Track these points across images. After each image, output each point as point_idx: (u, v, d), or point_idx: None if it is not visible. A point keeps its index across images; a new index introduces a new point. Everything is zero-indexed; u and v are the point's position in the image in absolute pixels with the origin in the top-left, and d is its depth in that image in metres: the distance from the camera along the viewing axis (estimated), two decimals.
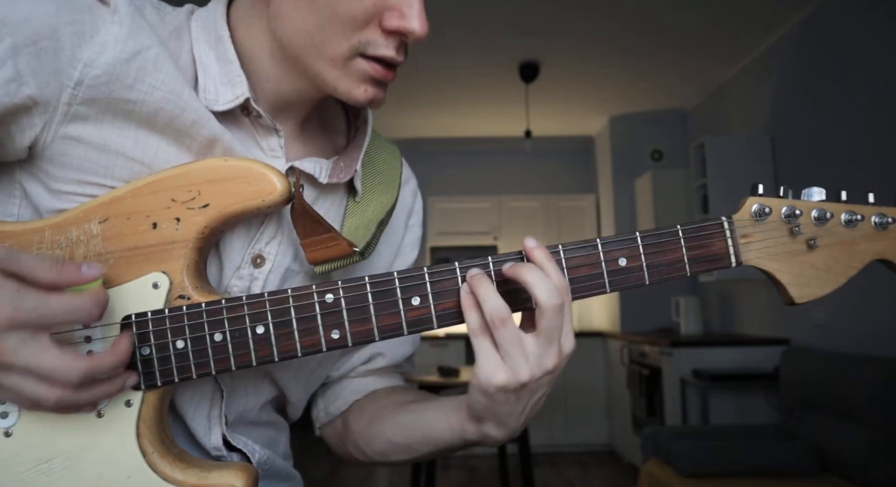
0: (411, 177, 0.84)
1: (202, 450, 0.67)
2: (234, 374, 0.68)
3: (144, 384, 0.58)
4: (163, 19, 0.64)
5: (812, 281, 0.63)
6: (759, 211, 0.63)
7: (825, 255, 0.63)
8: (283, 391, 0.73)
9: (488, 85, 4.64)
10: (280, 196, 0.61)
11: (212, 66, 0.64)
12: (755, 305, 4.13)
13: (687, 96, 4.94)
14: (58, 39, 0.55)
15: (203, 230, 0.60)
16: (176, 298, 0.60)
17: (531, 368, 0.57)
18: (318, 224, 0.63)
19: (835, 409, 2.78)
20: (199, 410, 0.66)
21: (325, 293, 0.59)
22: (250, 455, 0.68)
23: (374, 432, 0.75)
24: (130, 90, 0.58)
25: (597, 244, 0.61)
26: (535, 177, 6.18)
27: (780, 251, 0.63)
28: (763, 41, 3.90)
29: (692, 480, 2.74)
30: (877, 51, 2.97)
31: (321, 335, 0.59)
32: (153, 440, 0.59)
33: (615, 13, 3.57)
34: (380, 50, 0.61)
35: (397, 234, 0.81)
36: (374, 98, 0.64)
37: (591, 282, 0.61)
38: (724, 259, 0.63)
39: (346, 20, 0.59)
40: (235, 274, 0.66)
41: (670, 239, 0.62)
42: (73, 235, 0.59)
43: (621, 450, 4.98)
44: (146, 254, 0.60)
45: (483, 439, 0.64)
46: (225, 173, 0.61)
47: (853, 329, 3.11)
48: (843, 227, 0.64)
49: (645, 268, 0.62)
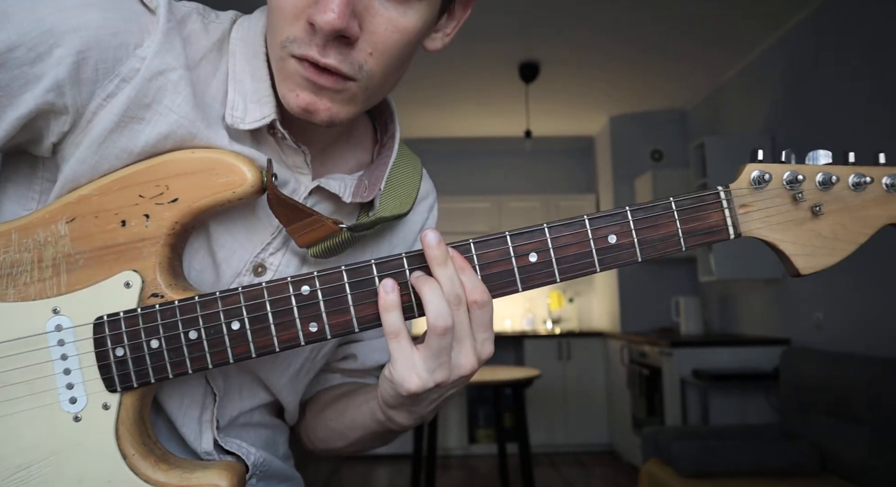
0: (430, 192, 0.82)
1: (193, 455, 0.66)
2: (227, 377, 0.67)
3: (120, 386, 0.57)
4: (207, 29, 0.63)
5: (818, 251, 0.58)
6: (759, 178, 0.58)
7: (832, 222, 0.58)
8: (278, 397, 0.72)
9: (488, 85, 4.64)
10: (251, 187, 0.59)
11: (245, 82, 0.63)
12: (755, 305, 4.13)
13: (687, 96, 4.94)
14: (102, 51, 0.55)
15: (174, 226, 0.59)
16: (149, 297, 0.58)
17: (446, 374, 0.56)
18: (298, 210, 0.61)
19: (835, 409, 2.78)
20: (189, 415, 0.65)
21: (300, 284, 0.57)
22: (245, 458, 0.67)
23: (318, 419, 0.77)
24: (147, 109, 0.58)
25: (584, 221, 0.58)
26: (535, 177, 6.18)
27: (782, 220, 0.59)
28: (763, 41, 3.90)
29: (692, 480, 2.74)
30: (877, 50, 2.97)
31: (298, 328, 0.58)
32: (134, 442, 0.57)
33: (615, 13, 3.56)
34: (301, 48, 0.55)
35: (406, 247, 0.80)
36: (308, 107, 0.58)
37: (580, 262, 0.58)
38: (721, 231, 0.59)
39: (278, 13, 0.56)
40: (235, 282, 0.65)
41: (663, 212, 0.59)
42: (41, 237, 0.58)
43: (621, 450, 4.98)
44: (117, 253, 0.58)
45: (391, 424, 0.65)
46: (193, 166, 0.59)
47: (853, 329, 3.11)
48: (851, 191, 0.59)
49: (637, 245, 0.58)
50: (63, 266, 0.58)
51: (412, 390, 0.56)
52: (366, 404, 0.68)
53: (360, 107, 0.61)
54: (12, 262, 0.58)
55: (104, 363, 0.57)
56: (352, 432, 0.71)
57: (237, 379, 0.68)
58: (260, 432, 0.73)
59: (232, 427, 0.69)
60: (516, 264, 0.58)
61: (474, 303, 0.56)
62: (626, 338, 4.77)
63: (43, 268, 0.58)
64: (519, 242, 0.58)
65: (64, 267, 0.58)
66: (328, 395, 0.80)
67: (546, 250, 0.58)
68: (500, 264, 0.58)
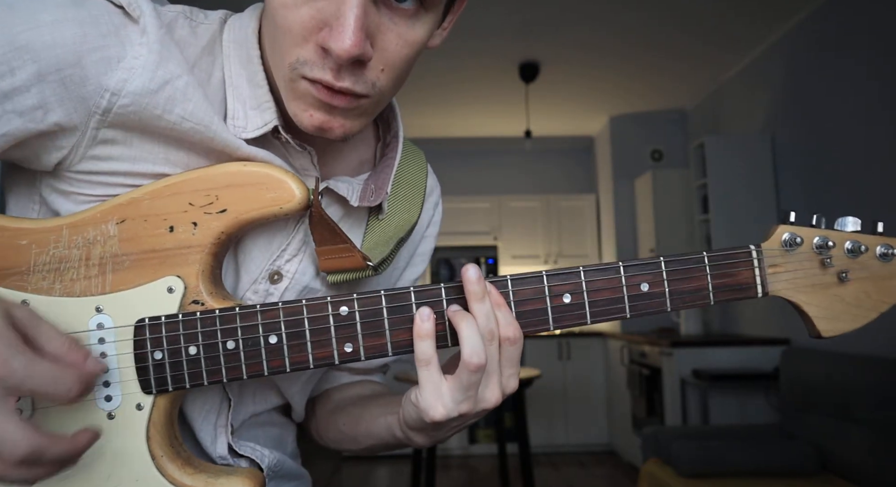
0: (436, 187, 0.82)
1: (208, 459, 0.66)
2: (242, 383, 0.67)
3: (156, 388, 0.58)
4: (195, 32, 0.62)
5: (841, 316, 0.60)
6: (791, 240, 0.60)
7: (856, 289, 0.60)
8: (289, 401, 0.73)
9: (488, 85, 4.64)
10: (298, 204, 0.60)
11: (242, 88, 0.62)
12: (755, 305, 4.13)
13: (687, 96, 4.94)
14: (83, 67, 0.54)
15: (220, 235, 0.60)
16: (190, 303, 0.59)
17: (471, 406, 0.56)
18: (335, 234, 0.62)
19: (835, 409, 2.78)
20: (208, 419, 0.66)
21: (339, 305, 0.58)
22: (259, 461, 0.68)
23: (330, 420, 0.77)
24: (159, 119, 0.57)
25: (619, 267, 0.60)
26: (535, 177, 6.18)
27: (809, 283, 0.61)
28: (763, 41, 3.90)
29: (692, 480, 2.74)
30: (878, 50, 2.97)
31: (334, 347, 0.58)
32: (163, 443, 0.58)
33: (615, 13, 3.56)
34: (314, 71, 0.54)
35: (413, 243, 0.80)
36: (322, 125, 0.58)
37: (612, 307, 0.59)
38: (750, 289, 0.60)
39: (285, 33, 0.54)
40: (251, 288, 0.65)
41: (695, 265, 0.60)
42: (91, 235, 0.59)
43: (621, 450, 4.98)
44: (162, 258, 0.59)
45: (408, 442, 0.65)
46: (244, 178, 0.60)
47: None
48: (878, 261, 0.60)
49: (667, 295, 0.60)
50: (109, 265, 0.59)
51: (436, 419, 0.56)
52: (383, 417, 0.68)
53: (372, 118, 0.62)
54: (61, 258, 0.59)
55: (142, 365, 0.58)
56: (366, 439, 0.71)
57: (251, 385, 0.69)
58: (269, 431, 0.73)
59: (243, 429, 0.69)
60: (550, 304, 0.59)
61: (506, 340, 0.57)
62: (626, 338, 4.77)
63: (90, 266, 0.59)
64: (555, 282, 0.59)
65: (110, 266, 0.59)
66: (339, 397, 0.80)
67: (580, 292, 0.59)
68: (535, 302, 0.59)
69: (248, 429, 0.70)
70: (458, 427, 0.61)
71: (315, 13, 0.53)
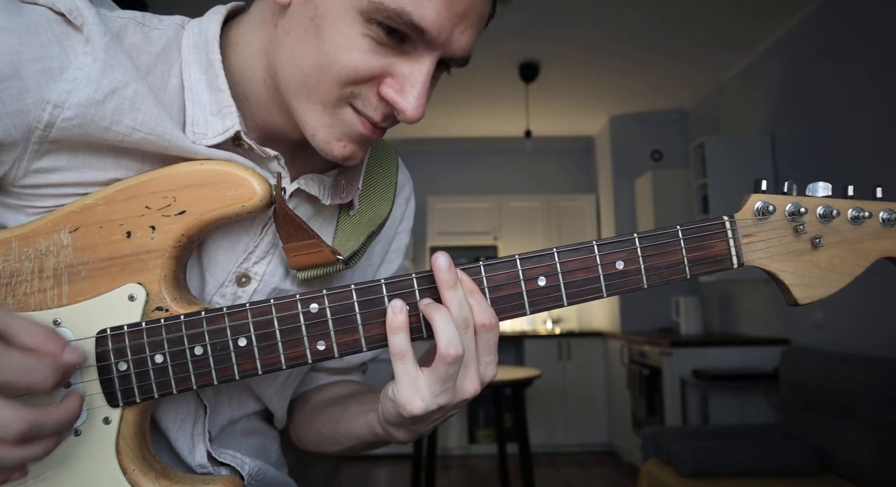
0: (407, 182, 0.81)
1: (187, 469, 0.65)
2: (217, 389, 0.66)
3: (123, 400, 0.56)
4: (148, 38, 0.59)
5: (816, 282, 0.60)
6: (763, 209, 0.60)
7: (830, 254, 0.60)
8: (267, 405, 0.71)
9: (488, 85, 4.64)
10: (261, 201, 0.58)
11: (202, 94, 0.60)
12: (755, 305, 4.13)
13: (687, 96, 4.94)
14: (22, 79, 0.51)
15: (180, 238, 0.57)
16: (153, 310, 0.57)
17: (450, 398, 0.55)
18: (302, 230, 0.60)
19: (835, 409, 2.78)
20: (184, 429, 0.64)
21: (309, 302, 0.57)
22: (240, 469, 0.66)
23: (309, 422, 0.76)
24: (107, 131, 0.54)
25: (593, 247, 0.59)
26: (535, 177, 6.18)
27: (783, 251, 0.60)
28: (763, 41, 3.90)
29: (692, 480, 2.74)
30: (878, 50, 2.97)
31: (306, 346, 0.57)
32: (134, 457, 0.56)
33: (615, 13, 3.56)
34: (368, 109, 0.57)
35: (387, 239, 0.79)
36: (352, 155, 0.60)
37: (588, 287, 0.59)
38: (725, 260, 0.60)
39: (347, 71, 0.55)
40: (218, 292, 0.64)
41: (669, 240, 0.59)
42: (42, 246, 0.56)
43: (621, 450, 4.98)
44: (121, 265, 0.57)
45: (389, 439, 0.64)
46: (202, 177, 0.57)
47: (853, 329, 3.11)
48: (850, 225, 0.60)
49: (643, 271, 0.59)
50: (65, 276, 0.57)
51: (415, 413, 0.55)
52: (363, 416, 0.67)
53: None
54: (12, 271, 0.56)
55: (107, 377, 0.56)
56: (346, 440, 0.71)
57: (227, 391, 0.67)
58: (251, 440, 0.72)
59: (223, 437, 0.68)
60: (525, 287, 0.58)
61: (482, 327, 0.56)
62: (626, 338, 4.77)
63: (44, 279, 0.56)
64: (528, 266, 0.58)
65: (66, 277, 0.57)
66: (317, 398, 0.79)
67: (555, 274, 0.58)
68: (509, 287, 0.58)
69: (230, 439, 0.69)
70: (439, 419, 0.60)
71: (387, 65, 0.56)
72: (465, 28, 0.56)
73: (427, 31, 0.53)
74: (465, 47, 0.57)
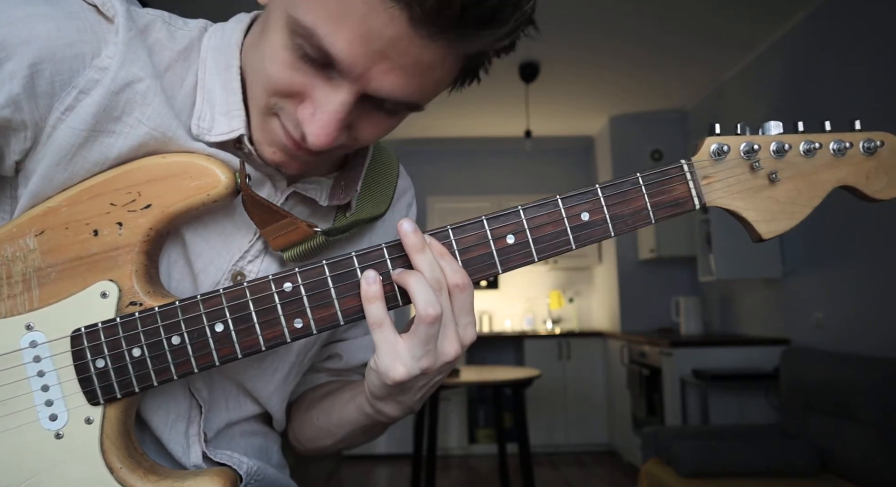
0: (409, 188, 0.82)
1: (181, 469, 0.64)
2: (211, 387, 0.66)
3: (103, 397, 0.56)
4: (173, 36, 0.61)
5: (778, 216, 0.62)
6: (718, 150, 0.61)
7: (788, 188, 0.62)
8: (265, 406, 0.71)
9: (488, 85, 4.61)
10: (225, 189, 0.58)
11: (215, 93, 0.61)
12: (755, 305, 4.13)
13: (687, 96, 4.94)
14: (56, 63, 0.53)
15: (148, 232, 0.58)
16: (127, 305, 0.57)
17: (431, 361, 0.56)
18: (273, 211, 0.61)
19: (835, 409, 2.77)
20: (176, 429, 0.64)
21: (282, 281, 0.57)
22: (237, 468, 0.66)
23: (305, 418, 0.76)
24: (116, 122, 0.56)
25: (557, 201, 0.60)
26: (535, 177, 6.18)
27: (742, 188, 0.62)
28: (763, 41, 3.90)
29: (692, 480, 2.74)
30: (877, 50, 2.97)
31: (283, 325, 0.57)
32: (121, 455, 0.56)
33: (615, 13, 3.56)
34: (289, 125, 0.57)
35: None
36: (283, 164, 0.60)
37: (556, 240, 0.59)
38: (687, 202, 0.61)
39: (269, 82, 0.56)
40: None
41: (631, 187, 0.61)
42: (9, 252, 0.56)
43: (621, 450, 4.98)
44: (90, 264, 0.57)
45: (380, 416, 0.64)
46: (164, 170, 0.57)
47: (853, 329, 3.11)
48: (803, 157, 0.62)
49: (609, 220, 0.60)
50: (34, 280, 0.57)
51: (398, 379, 0.55)
52: (352, 400, 0.68)
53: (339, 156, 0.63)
54: None
55: (85, 376, 0.56)
56: (340, 429, 0.71)
57: (221, 389, 0.67)
58: (251, 441, 0.72)
59: (221, 439, 0.68)
60: (494, 246, 0.59)
61: (455, 287, 0.57)
62: (625, 338, 4.77)
63: (12, 284, 0.56)
64: (496, 225, 0.59)
65: (35, 281, 0.57)
66: (313, 395, 0.79)
67: (522, 231, 0.59)
68: (479, 248, 0.59)
69: (228, 440, 0.69)
70: (425, 388, 0.60)
71: (307, 85, 0.54)
72: (387, 68, 0.52)
73: (336, 61, 0.52)
74: (392, 89, 0.54)
